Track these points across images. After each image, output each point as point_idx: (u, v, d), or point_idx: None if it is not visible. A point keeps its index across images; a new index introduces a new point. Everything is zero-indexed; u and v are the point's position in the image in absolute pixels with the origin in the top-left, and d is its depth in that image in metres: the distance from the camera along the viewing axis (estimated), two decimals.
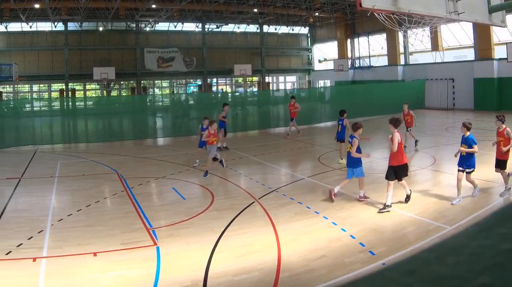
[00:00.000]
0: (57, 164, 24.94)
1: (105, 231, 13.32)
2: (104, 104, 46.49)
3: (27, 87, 67.17)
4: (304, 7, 64.76)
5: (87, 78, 64.83)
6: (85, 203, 16.49)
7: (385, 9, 17.38)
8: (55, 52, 65.41)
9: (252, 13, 67.69)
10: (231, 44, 76.74)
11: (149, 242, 12.43)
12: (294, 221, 13.85)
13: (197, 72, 73.77)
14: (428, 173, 21.04)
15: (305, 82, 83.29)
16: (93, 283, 10.04)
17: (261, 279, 10.10)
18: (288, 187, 18.03)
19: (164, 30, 72.06)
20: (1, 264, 11.02)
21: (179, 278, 10.16)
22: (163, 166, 23.53)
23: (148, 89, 72.64)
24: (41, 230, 13.45)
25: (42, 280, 10.11)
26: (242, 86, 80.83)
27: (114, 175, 21.60)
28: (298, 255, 11.24)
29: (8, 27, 62.02)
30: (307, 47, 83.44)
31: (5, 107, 41.15)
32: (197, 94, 68.06)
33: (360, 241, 11.96)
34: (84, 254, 11.56)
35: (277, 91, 73.16)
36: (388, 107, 44.99)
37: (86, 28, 67.00)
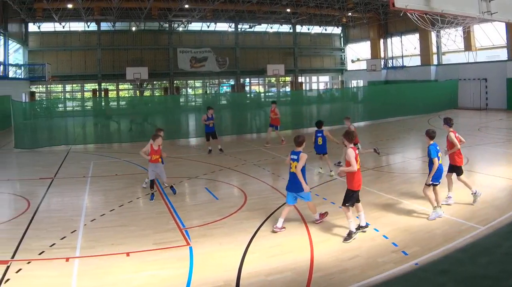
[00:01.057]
0: (90, 164, 25.19)
1: (138, 231, 13.43)
2: (137, 104, 46.72)
3: (60, 87, 67.87)
4: (337, 7, 64.43)
5: (120, 78, 65.32)
6: (118, 203, 16.65)
7: (418, 9, 17.25)
8: (88, 52, 66.12)
9: (285, 13, 67.56)
10: (264, 44, 76.67)
11: (182, 242, 12.47)
12: (326, 221, 13.81)
13: (230, 72, 73.89)
14: None
15: (338, 82, 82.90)
16: (125, 283, 10.12)
17: (293, 279, 10.09)
18: (321, 187, 17.97)
19: (197, 30, 72.25)
20: (34, 264, 11.13)
21: (211, 278, 10.18)
22: (195, 166, 23.58)
23: (181, 89, 72.89)
24: (74, 230, 13.58)
25: (75, 280, 10.20)
26: (275, 86, 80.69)
27: (147, 175, 21.64)
28: (331, 255, 11.23)
29: (41, 27, 62.76)
30: (340, 47, 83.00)
31: (38, 107, 41.50)
32: (230, 94, 68.16)
33: (393, 241, 11.93)
34: (117, 254, 11.66)
35: (310, 91, 73.04)
36: (421, 108, 44.85)
37: (119, 28, 67.54)
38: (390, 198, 16.05)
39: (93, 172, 22.99)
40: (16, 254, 11.69)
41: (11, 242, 12.48)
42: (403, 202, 15.63)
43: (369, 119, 43.11)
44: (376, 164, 23.03)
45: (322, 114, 46.50)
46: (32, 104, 46.03)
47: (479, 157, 24.25)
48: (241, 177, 20.88)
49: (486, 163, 22.71)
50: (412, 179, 19.51)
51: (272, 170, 22.25)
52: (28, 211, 15.71)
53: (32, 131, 34.67)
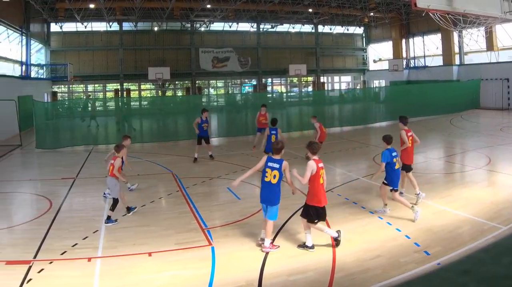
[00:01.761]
0: None
1: (159, 231, 13.49)
2: (159, 104, 46.81)
3: (82, 87, 68.22)
4: (359, 7, 64.51)
5: (142, 78, 65.62)
6: (140, 203, 16.72)
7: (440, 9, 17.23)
8: (110, 52, 66.46)
9: (307, 13, 67.46)
10: (286, 44, 76.55)
11: (204, 242, 12.52)
12: (348, 221, 13.89)
13: (252, 72, 73.96)
14: (483, 173, 20.67)
15: (360, 82, 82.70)
16: (148, 283, 10.16)
17: (315, 279, 10.11)
18: (343, 187, 17.92)
19: (219, 30, 72.29)
20: (56, 264, 11.21)
21: (234, 278, 10.21)
22: (217, 166, 23.59)
23: (203, 89, 73.04)
24: (96, 230, 13.68)
25: (97, 280, 10.28)
26: (297, 86, 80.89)
27: (169, 175, 21.85)
28: (353, 255, 11.25)
29: (63, 27, 63.04)
30: (362, 47, 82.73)
31: (60, 107, 41.70)
32: (252, 94, 68.11)
33: (415, 241, 11.93)
34: (138, 254, 11.72)
35: (332, 91, 72.92)
36: (443, 108, 44.67)
37: (140, 28, 67.80)
38: (413, 198, 15.94)
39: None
40: (38, 254, 11.78)
41: (33, 242, 12.58)
42: (426, 202, 15.58)
43: (391, 119, 42.83)
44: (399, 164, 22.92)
45: (344, 115, 46.61)
46: (54, 105, 46.32)
47: (501, 157, 24.23)
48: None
49: (509, 162, 22.66)
50: (434, 179, 19.52)
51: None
52: (50, 211, 15.83)
53: (54, 131, 34.85)
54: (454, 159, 24.53)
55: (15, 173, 23.71)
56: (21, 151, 31.18)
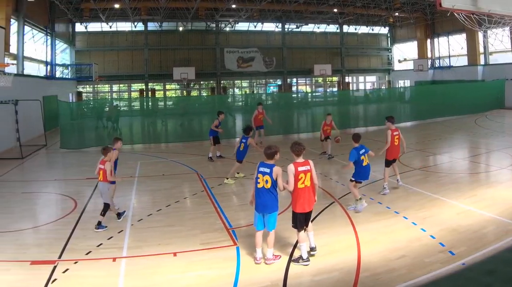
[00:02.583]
0: (136, 164, 25.40)
1: (185, 231, 13.51)
2: (184, 104, 46.92)
3: (107, 87, 68.73)
4: (384, 7, 64.30)
5: (167, 78, 66.08)
6: (165, 203, 16.77)
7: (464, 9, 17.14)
8: (135, 52, 66.90)
9: (332, 13, 67.32)
10: (310, 44, 76.48)
11: (229, 242, 12.52)
12: (373, 221, 13.86)
13: (276, 72, 74.00)
14: (508, 173, 20.45)
15: (385, 82, 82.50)
16: (173, 283, 10.18)
17: (340, 279, 10.08)
18: (368, 187, 17.83)
19: (244, 30, 72.49)
20: (81, 264, 11.27)
21: (259, 278, 10.23)
22: (243, 166, 23.57)
23: (228, 89, 73.23)
24: (121, 230, 13.74)
25: (121, 280, 10.32)
26: (322, 86, 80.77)
27: (194, 175, 21.85)
28: (378, 255, 11.22)
29: (88, 27, 63.58)
30: (387, 47, 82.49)
31: (84, 107, 41.90)
32: (277, 94, 68.12)
33: (440, 241, 11.86)
34: (164, 254, 11.75)
35: (357, 91, 72.76)
36: (468, 108, 44.49)
37: (166, 28, 68.22)
38: (437, 198, 15.99)
39: (140, 172, 23.20)
40: (63, 254, 11.85)
41: (58, 242, 12.66)
42: (450, 202, 15.54)
43: (416, 119, 42.85)
44: (423, 164, 22.96)
45: (368, 114, 46.54)
46: (79, 105, 46.56)
47: None
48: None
49: None
50: (459, 179, 19.39)
51: (318, 170, 21.93)
52: (75, 211, 15.94)
53: (78, 131, 35.03)
54: (479, 159, 24.36)
55: (40, 173, 23.90)
56: (46, 151, 31.44)
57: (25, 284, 10.16)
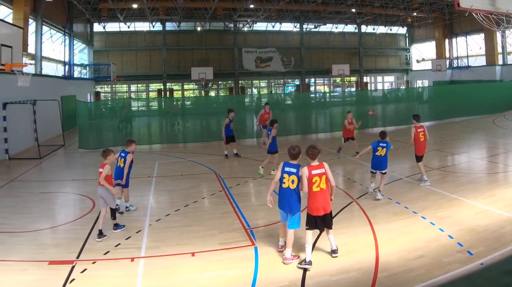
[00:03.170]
0: (155, 164, 25.46)
1: (203, 231, 13.51)
2: (202, 104, 46.99)
3: (125, 87, 69.16)
4: (402, 7, 64.46)
5: (185, 78, 66.15)
6: (183, 203, 16.78)
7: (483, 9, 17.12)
8: (153, 52, 67.25)
9: (350, 13, 67.53)
10: (329, 44, 76.54)
11: (247, 242, 12.52)
12: (392, 221, 13.82)
13: (295, 72, 74.13)
14: None
15: (403, 82, 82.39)
16: (191, 283, 10.19)
17: (359, 278, 10.08)
18: (386, 187, 17.77)
19: (262, 30, 72.67)
20: (99, 264, 11.31)
21: (277, 278, 10.21)
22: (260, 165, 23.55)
23: (246, 89, 73.32)
24: (139, 230, 13.76)
25: (140, 280, 10.34)
26: (340, 86, 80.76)
27: (212, 175, 21.85)
28: (396, 255, 11.20)
29: (106, 27, 64.18)
30: (405, 47, 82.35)
31: (102, 107, 42.03)
32: (295, 94, 68.29)
33: (458, 241, 11.80)
34: (182, 254, 11.76)
35: (375, 91, 72.67)
36: (486, 108, 44.34)
37: (184, 28, 68.48)
38: (456, 198, 15.93)
39: (158, 172, 23.25)
40: (81, 254, 11.89)
41: (76, 242, 12.71)
42: (469, 202, 15.47)
43: (434, 119, 42.76)
44: (442, 164, 22.84)
45: (387, 114, 46.47)
46: (97, 105, 46.74)
47: None
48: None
49: None
50: (478, 179, 19.30)
51: (337, 170, 22.09)
52: (93, 211, 15.93)
53: (96, 131, 35.16)
54: (497, 159, 24.19)
55: (58, 173, 23.99)
56: (64, 151, 31.61)
57: (43, 284, 10.20)
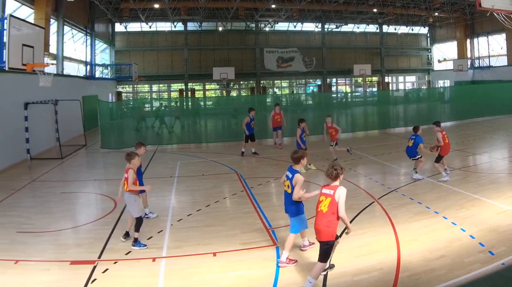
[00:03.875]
0: (176, 163, 25.56)
1: (224, 231, 13.51)
2: (224, 104, 47.04)
3: (146, 87, 69.46)
4: (423, 7, 64.47)
5: (207, 78, 66.46)
6: (204, 203, 16.80)
7: (504, 9, 17.10)
8: (175, 52, 67.57)
9: (371, 13, 67.42)
10: (350, 44, 76.54)
11: (268, 242, 12.51)
12: (413, 221, 13.74)
13: (316, 72, 74.13)
14: None
15: (425, 82, 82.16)
16: (212, 283, 10.18)
17: (380, 279, 10.05)
18: (408, 187, 17.70)
19: (283, 30, 72.72)
20: (121, 264, 11.36)
21: (298, 278, 10.19)
22: (282, 166, 23.38)
23: (268, 89, 73.40)
24: (160, 230, 13.82)
25: (161, 280, 10.36)
26: (361, 86, 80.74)
27: (234, 175, 21.87)
28: (417, 255, 11.15)
29: (128, 27, 64.40)
30: (426, 47, 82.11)
31: (124, 107, 42.18)
32: (317, 94, 68.21)
33: (479, 241, 11.74)
34: (203, 254, 11.77)
35: (397, 91, 72.52)
36: (508, 108, 44.20)
37: (205, 28, 68.73)
38: (477, 198, 15.83)
39: (180, 172, 23.31)
40: (103, 254, 11.95)
41: (98, 242, 12.79)
42: (490, 202, 15.37)
43: (455, 119, 42.76)
44: (463, 164, 22.70)
45: (408, 114, 46.45)
46: (118, 104, 46.90)
47: None
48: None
49: None
50: (499, 179, 19.15)
51: (359, 170, 22.12)
52: (114, 211, 16.05)
53: (118, 131, 35.28)
54: None
55: (80, 173, 24.12)
56: (86, 151, 31.79)
57: (64, 284, 10.26)
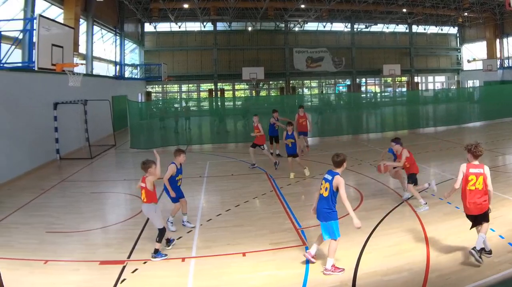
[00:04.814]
0: (206, 163, 25.63)
1: (254, 231, 13.54)
2: (253, 104, 47.10)
3: (176, 87, 69.88)
4: (453, 7, 64.05)
5: (236, 78, 66.65)
6: (234, 203, 16.83)
7: None
8: (204, 52, 67.83)
9: (401, 13, 67.15)
10: (380, 44, 76.21)
11: (298, 242, 12.52)
12: (443, 221, 13.71)
13: (345, 72, 74.00)
14: None
15: (454, 82, 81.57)
16: (242, 283, 10.22)
17: (410, 279, 10.03)
18: (437, 187, 17.59)
19: (313, 30, 72.66)
20: (150, 264, 11.44)
21: (328, 278, 10.20)
22: (311, 166, 23.37)
23: (297, 89, 73.45)
24: (190, 230, 13.86)
25: (190, 280, 10.39)
26: (391, 86, 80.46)
27: (263, 175, 21.90)
28: (447, 255, 11.11)
29: (157, 27, 64.71)
30: (456, 47, 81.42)
31: (154, 107, 42.36)
32: (346, 94, 68.23)
33: (509, 241, 11.72)
34: (233, 254, 11.80)
35: (426, 91, 72.22)
36: None
37: (234, 28, 68.89)
38: (507, 198, 15.74)
39: (209, 172, 23.39)
40: (132, 254, 12.06)
41: (127, 242, 12.90)
42: None
43: (485, 119, 42.42)
44: (492, 164, 22.22)
45: (438, 115, 46.30)
46: (148, 104, 47.13)
47: None
48: (357, 177, 20.81)
49: None
50: None
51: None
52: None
53: (147, 131, 35.44)
54: None
55: (110, 173, 24.34)
56: (115, 151, 32.04)
57: (94, 284, 10.37)
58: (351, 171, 21.55)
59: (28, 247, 12.64)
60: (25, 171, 23.63)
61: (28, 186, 21.15)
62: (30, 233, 14.00)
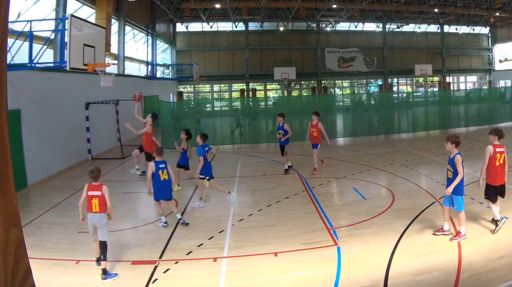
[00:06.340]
0: (237, 163, 25.75)
1: (285, 231, 13.53)
2: (285, 104, 47.10)
3: (207, 87, 70.12)
4: (484, 7, 63.55)
5: (268, 78, 66.84)
6: (265, 203, 16.86)
7: None
8: (236, 52, 67.98)
9: (432, 13, 66.68)
10: (411, 44, 75.74)
11: (329, 242, 12.49)
12: (475, 221, 13.63)
13: (377, 72, 73.77)
14: None
15: (486, 82, 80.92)
16: (274, 283, 10.23)
17: (441, 279, 10.00)
18: (469, 187, 17.43)
19: (344, 30, 72.39)
20: (182, 264, 11.47)
21: (359, 278, 10.19)
22: (343, 166, 23.46)
23: (329, 89, 73.34)
24: (221, 230, 13.89)
25: (222, 280, 10.42)
26: (422, 86, 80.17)
27: (295, 175, 21.92)
28: (478, 255, 11.07)
29: (189, 27, 64.89)
30: (487, 47, 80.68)
31: (185, 107, 42.49)
32: (378, 94, 68.13)
33: None
34: (264, 254, 11.82)
35: (458, 91, 71.80)
36: None
37: (266, 28, 68.96)
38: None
39: (241, 172, 23.49)
40: (164, 254, 12.11)
41: (159, 242, 12.97)
42: None
43: None
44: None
45: (469, 114, 46.12)
46: (179, 104, 47.29)
47: None
48: (389, 177, 20.82)
49: None
50: None
51: (420, 170, 21.94)
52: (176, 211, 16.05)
53: (179, 131, 35.57)
54: None
55: None
56: None
57: (126, 283, 10.47)
58: (383, 170, 21.51)
59: (60, 247, 12.77)
60: (57, 171, 23.89)
61: (60, 186, 21.37)
62: (62, 233, 14.16)
